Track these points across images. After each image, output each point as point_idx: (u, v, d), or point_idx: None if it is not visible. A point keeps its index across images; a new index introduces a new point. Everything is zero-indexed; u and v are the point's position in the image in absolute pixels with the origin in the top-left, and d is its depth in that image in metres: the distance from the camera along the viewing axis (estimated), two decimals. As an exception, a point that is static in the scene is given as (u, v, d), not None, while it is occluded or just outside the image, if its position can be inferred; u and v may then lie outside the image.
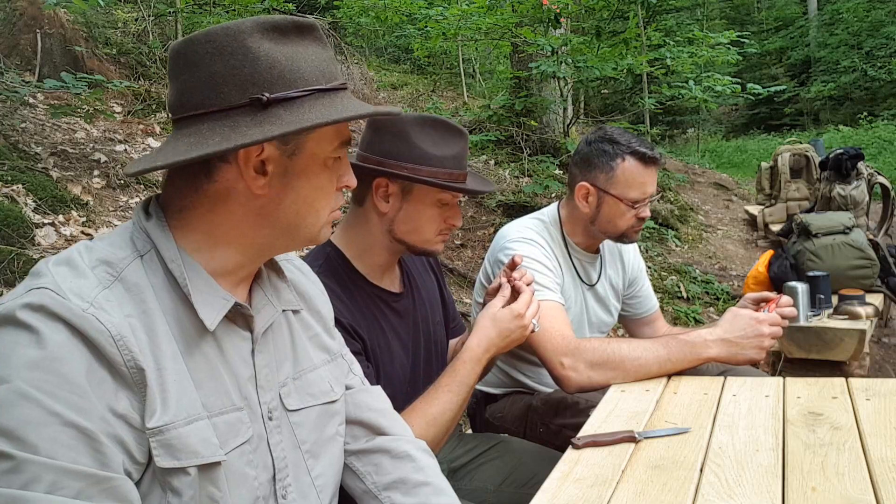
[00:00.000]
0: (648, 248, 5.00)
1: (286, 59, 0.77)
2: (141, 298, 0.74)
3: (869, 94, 14.67)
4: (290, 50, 0.78)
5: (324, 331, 1.00)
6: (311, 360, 0.94)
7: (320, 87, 0.79)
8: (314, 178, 0.82)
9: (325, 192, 0.84)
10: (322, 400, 0.93)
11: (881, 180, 4.27)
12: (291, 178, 0.80)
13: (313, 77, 0.78)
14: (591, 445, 1.14)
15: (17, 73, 3.58)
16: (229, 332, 0.82)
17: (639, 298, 1.94)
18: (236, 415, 0.79)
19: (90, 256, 0.74)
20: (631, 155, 1.62)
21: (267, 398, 0.85)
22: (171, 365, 0.74)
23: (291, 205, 0.81)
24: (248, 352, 0.84)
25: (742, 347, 1.45)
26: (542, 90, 5.58)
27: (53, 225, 2.68)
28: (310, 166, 0.81)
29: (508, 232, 1.71)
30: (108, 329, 0.68)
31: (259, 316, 0.86)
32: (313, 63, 0.79)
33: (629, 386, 1.42)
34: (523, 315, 1.34)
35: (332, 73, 0.81)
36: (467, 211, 4.79)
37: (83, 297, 0.69)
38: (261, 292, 0.89)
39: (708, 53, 5.55)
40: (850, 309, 2.46)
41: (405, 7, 5.67)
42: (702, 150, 12.35)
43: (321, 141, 0.81)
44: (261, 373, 0.84)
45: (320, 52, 0.81)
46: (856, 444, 1.05)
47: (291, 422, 0.87)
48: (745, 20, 17.45)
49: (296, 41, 0.79)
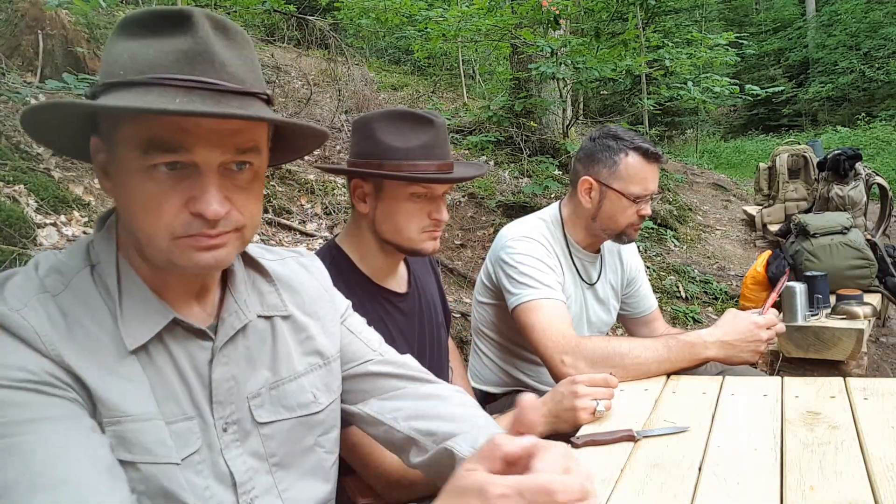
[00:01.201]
0: (647, 248, 5.01)
1: (117, 53, 0.71)
2: (89, 305, 0.74)
3: (867, 95, 14.69)
4: (133, 44, 0.71)
5: (321, 331, 0.95)
6: (294, 369, 0.90)
7: (119, 81, 0.69)
8: (127, 188, 0.72)
9: (145, 207, 0.71)
10: (298, 413, 0.89)
11: (879, 181, 4.28)
12: (117, 186, 0.74)
13: (124, 70, 0.70)
14: (590, 444, 1.15)
15: (19, 74, 3.58)
16: (183, 342, 0.79)
17: (637, 298, 1.95)
18: (186, 424, 0.78)
19: (45, 265, 0.76)
20: (634, 150, 1.64)
21: (225, 412, 0.82)
22: (121, 368, 0.74)
23: (124, 214, 0.75)
24: (204, 362, 0.80)
25: (740, 350, 1.48)
26: (541, 91, 5.58)
27: (55, 225, 2.69)
28: (121, 173, 0.72)
29: (510, 231, 1.72)
30: (31, 325, 0.70)
31: (222, 327, 0.82)
32: (145, 56, 0.70)
33: (628, 385, 1.43)
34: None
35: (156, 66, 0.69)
36: (467, 211, 4.79)
37: (19, 298, 0.71)
38: (231, 299, 0.85)
39: (706, 54, 5.56)
40: (848, 309, 2.47)
41: (405, 8, 5.67)
42: (700, 150, 12.37)
43: (124, 143, 0.71)
44: (219, 387, 0.81)
45: (177, 44, 0.70)
46: (854, 443, 1.06)
47: (261, 433, 0.85)
48: (743, 21, 17.47)
49: (160, 35, 0.71)
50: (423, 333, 1.43)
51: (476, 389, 1.87)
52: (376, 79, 7.21)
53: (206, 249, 0.73)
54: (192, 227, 0.72)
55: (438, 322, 1.51)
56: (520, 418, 0.63)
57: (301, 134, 0.85)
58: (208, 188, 0.71)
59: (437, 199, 1.32)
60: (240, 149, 0.73)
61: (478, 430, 0.90)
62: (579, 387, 1.27)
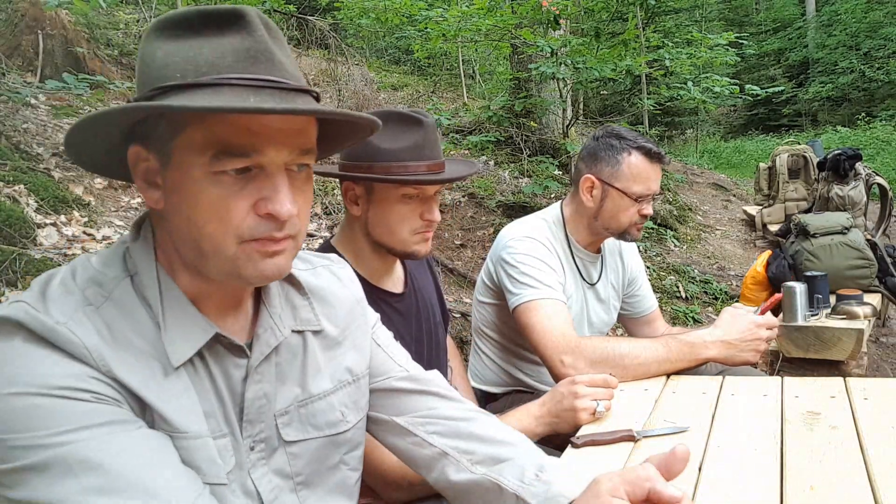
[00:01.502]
0: (647, 248, 5.01)
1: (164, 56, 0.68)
2: (133, 318, 0.71)
3: (867, 95, 14.69)
4: (181, 45, 0.68)
5: (351, 346, 0.92)
6: (323, 386, 0.87)
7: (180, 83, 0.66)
8: (190, 195, 0.68)
9: (214, 212, 0.68)
10: (326, 432, 0.87)
11: (879, 181, 4.29)
12: (171, 193, 0.70)
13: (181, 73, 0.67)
14: (590, 444, 1.15)
15: (19, 74, 3.59)
16: (220, 358, 0.77)
17: (638, 297, 1.95)
18: (223, 441, 0.76)
19: (83, 276, 0.72)
20: (637, 150, 1.64)
21: (254, 431, 0.79)
22: (170, 383, 0.71)
23: (180, 223, 0.71)
24: (238, 380, 0.78)
25: (740, 350, 1.48)
26: (541, 91, 5.58)
27: (55, 225, 2.69)
28: (182, 180, 0.69)
29: (511, 231, 1.71)
30: (81, 340, 0.66)
31: (258, 343, 0.79)
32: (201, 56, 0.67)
33: (628, 385, 1.43)
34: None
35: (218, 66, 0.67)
36: (467, 211, 4.79)
37: (63, 312, 0.67)
38: (266, 315, 0.82)
39: (706, 54, 5.56)
40: (848, 309, 2.47)
41: (405, 8, 5.67)
42: (700, 150, 12.37)
43: (187, 149, 0.68)
44: (251, 406, 0.78)
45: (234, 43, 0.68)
46: (854, 444, 1.06)
47: (287, 452, 0.83)
48: (743, 21, 17.47)
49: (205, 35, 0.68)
50: (420, 333, 1.43)
51: (476, 389, 1.87)
52: (376, 79, 7.22)
53: (271, 256, 0.72)
54: (260, 229, 0.70)
55: (436, 322, 1.51)
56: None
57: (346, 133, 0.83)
58: (280, 187, 0.69)
59: (429, 200, 1.31)
60: (302, 149, 0.72)
61: (524, 458, 0.87)
62: (579, 387, 1.27)
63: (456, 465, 0.89)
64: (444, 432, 0.92)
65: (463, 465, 0.88)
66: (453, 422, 0.93)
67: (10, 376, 0.63)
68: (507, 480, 0.83)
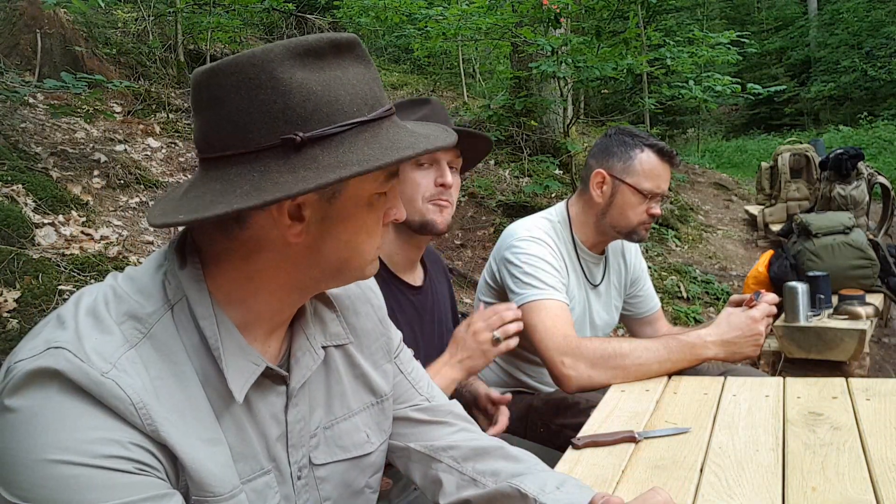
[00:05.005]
0: (648, 248, 5.00)
1: (322, 89, 0.67)
2: (172, 360, 0.67)
3: (869, 94, 14.66)
4: (327, 76, 0.67)
5: (373, 368, 0.90)
6: (349, 407, 0.85)
7: (362, 119, 0.68)
8: (357, 220, 0.72)
9: (370, 231, 0.74)
10: (353, 453, 0.85)
11: (881, 180, 4.28)
12: (331, 224, 0.71)
13: (354, 107, 0.68)
14: (591, 445, 1.14)
15: (17, 73, 3.58)
16: (263, 390, 0.75)
17: (640, 298, 1.94)
18: (264, 479, 0.74)
19: (118, 309, 0.67)
20: (649, 147, 1.65)
21: (297, 456, 0.78)
22: (209, 433, 0.68)
23: (333, 251, 0.72)
24: (280, 408, 0.76)
25: (740, 346, 1.48)
26: (542, 90, 5.57)
27: (53, 225, 2.68)
28: (352, 209, 0.71)
29: (516, 230, 1.71)
30: (128, 396, 0.62)
31: (297, 367, 0.78)
32: (354, 89, 0.69)
33: (629, 386, 1.42)
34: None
35: (375, 99, 0.70)
36: (467, 211, 4.78)
37: (105, 357, 0.63)
38: (302, 335, 0.80)
39: (708, 53, 5.54)
40: (851, 309, 2.46)
41: (405, 7, 5.66)
42: (702, 149, 12.35)
43: (364, 180, 0.70)
44: (293, 430, 0.77)
45: (362, 73, 0.71)
46: (856, 444, 1.05)
47: (316, 476, 0.81)
48: (745, 20, 17.44)
49: (333, 64, 0.69)
50: (431, 332, 1.45)
51: (476, 389, 1.86)
52: (376, 78, 7.19)
53: None
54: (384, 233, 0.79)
55: (448, 327, 1.53)
56: None
57: None
58: (397, 197, 0.78)
59: (441, 165, 1.35)
60: None
61: (544, 473, 0.88)
62: (474, 324, 1.35)
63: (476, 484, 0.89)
64: (467, 455, 0.92)
65: (482, 483, 0.89)
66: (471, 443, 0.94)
67: (48, 438, 0.59)
68: (528, 487, 0.84)
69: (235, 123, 0.66)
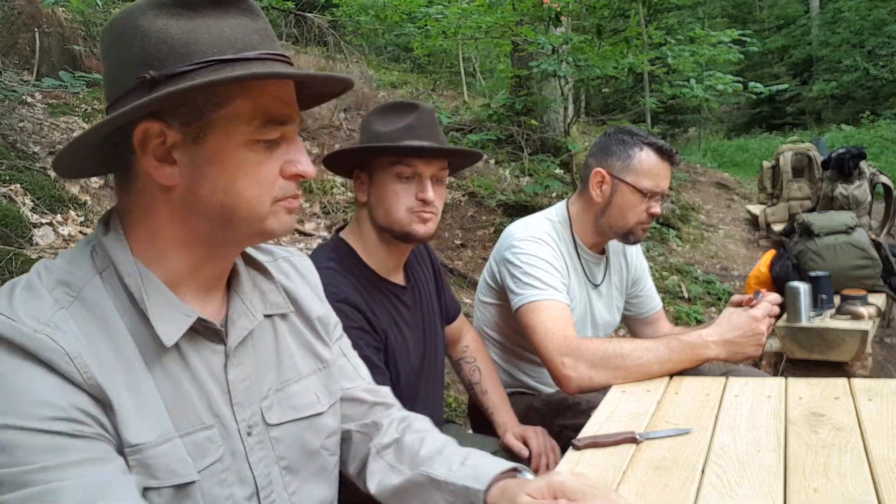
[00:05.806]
0: (650, 248, 4.99)
1: (181, 34, 0.69)
2: (102, 318, 0.70)
3: (871, 93, 14.65)
4: (194, 24, 0.70)
5: (314, 338, 0.94)
6: (298, 370, 0.90)
7: (220, 58, 0.69)
8: (231, 163, 0.72)
9: (254, 177, 0.73)
10: (306, 413, 0.88)
11: (884, 180, 4.27)
12: (203, 166, 0.72)
13: (215, 48, 0.69)
14: (591, 446, 1.13)
15: (16, 72, 3.58)
16: (197, 346, 0.77)
17: (642, 298, 1.93)
18: (205, 433, 0.76)
19: (48, 277, 0.71)
20: (649, 146, 1.64)
21: (246, 414, 0.81)
22: (139, 383, 0.71)
23: (210, 196, 0.73)
24: (220, 366, 0.79)
25: (741, 346, 1.47)
26: (542, 89, 5.56)
27: (51, 224, 2.68)
28: (224, 150, 0.72)
29: (516, 230, 1.70)
30: (62, 347, 0.65)
31: (234, 327, 0.81)
32: (223, 34, 0.70)
33: (630, 387, 1.41)
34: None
35: (245, 43, 0.71)
36: (467, 211, 4.78)
37: (38, 318, 0.66)
38: (238, 299, 0.84)
39: (709, 52, 5.52)
40: (853, 309, 2.45)
41: (405, 5, 5.66)
42: (703, 149, 12.35)
43: (233, 120, 0.71)
44: (237, 388, 0.80)
45: (245, 23, 0.72)
46: (858, 445, 1.04)
47: (271, 436, 0.84)
48: (746, 18, 17.43)
49: (209, 14, 0.71)
50: (423, 324, 1.48)
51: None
52: (375, 77, 7.20)
53: (291, 212, 0.78)
54: (288, 189, 0.77)
55: (433, 311, 1.55)
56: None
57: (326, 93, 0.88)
58: (302, 151, 0.77)
59: (421, 180, 1.35)
60: (298, 112, 0.78)
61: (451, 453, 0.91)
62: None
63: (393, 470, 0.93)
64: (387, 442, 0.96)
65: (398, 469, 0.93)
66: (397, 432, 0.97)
67: None
68: (436, 472, 0.88)
69: (111, 75, 0.73)
